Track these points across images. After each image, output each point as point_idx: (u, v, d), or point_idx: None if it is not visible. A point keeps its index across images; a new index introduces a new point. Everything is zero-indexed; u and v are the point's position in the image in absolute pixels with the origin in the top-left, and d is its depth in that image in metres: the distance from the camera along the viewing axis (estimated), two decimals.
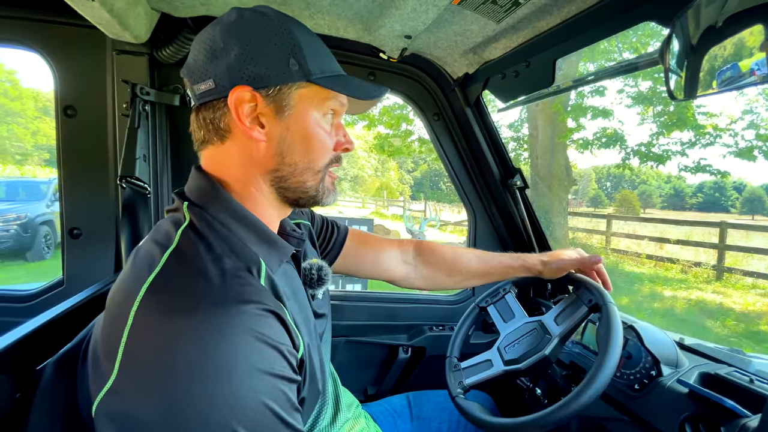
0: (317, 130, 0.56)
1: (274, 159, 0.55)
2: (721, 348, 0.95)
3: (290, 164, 0.55)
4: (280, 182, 0.56)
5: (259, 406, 0.41)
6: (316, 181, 0.58)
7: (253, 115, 0.52)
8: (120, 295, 0.46)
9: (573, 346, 1.07)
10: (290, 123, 0.54)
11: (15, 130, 17.89)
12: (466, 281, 1.01)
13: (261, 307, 0.46)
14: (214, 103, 0.53)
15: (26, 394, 0.54)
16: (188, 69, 0.54)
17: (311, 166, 0.57)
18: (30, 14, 1.07)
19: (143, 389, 0.40)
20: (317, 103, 0.56)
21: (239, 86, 0.50)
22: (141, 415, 0.39)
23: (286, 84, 0.53)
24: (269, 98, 0.52)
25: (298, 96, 0.54)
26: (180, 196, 0.56)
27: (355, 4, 1.01)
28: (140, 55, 1.10)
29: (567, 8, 0.88)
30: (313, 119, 0.56)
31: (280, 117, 0.53)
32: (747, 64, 0.55)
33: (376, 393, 1.47)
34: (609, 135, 7.18)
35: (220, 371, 0.40)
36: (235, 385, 0.40)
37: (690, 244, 8.08)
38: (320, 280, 0.70)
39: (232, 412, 0.40)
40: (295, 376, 0.47)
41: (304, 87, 0.54)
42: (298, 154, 0.55)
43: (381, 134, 8.78)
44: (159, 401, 0.39)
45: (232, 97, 0.51)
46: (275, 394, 0.44)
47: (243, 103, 0.51)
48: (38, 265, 6.33)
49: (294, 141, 0.55)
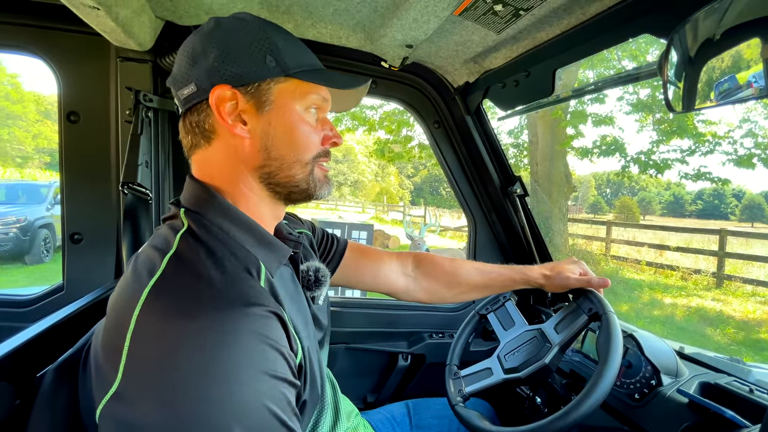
0: (299, 123, 0.57)
1: (259, 155, 0.56)
2: (721, 357, 0.95)
3: (276, 158, 0.56)
4: (269, 178, 0.57)
5: (261, 408, 0.42)
6: (305, 174, 0.58)
7: (234, 113, 0.54)
8: (121, 300, 0.46)
9: (573, 355, 1.07)
10: (272, 117, 0.55)
11: (16, 133, 17.94)
12: (465, 294, 0.99)
13: (264, 309, 0.46)
14: (198, 106, 0.55)
15: (26, 401, 0.54)
16: (173, 78, 0.57)
17: (298, 158, 0.57)
18: (35, 21, 1.08)
19: (147, 393, 0.40)
20: (298, 97, 0.57)
21: (219, 85, 0.52)
22: (145, 419, 0.39)
23: (264, 80, 0.54)
24: (249, 95, 0.54)
25: (277, 91, 0.55)
26: (176, 205, 0.57)
27: (357, 14, 1.03)
28: (144, 62, 1.11)
29: (566, 20, 0.89)
30: (295, 113, 0.57)
31: (261, 112, 0.55)
32: (744, 76, 0.56)
33: (375, 401, 1.47)
34: (608, 143, 7.20)
35: (225, 374, 0.40)
36: (238, 387, 0.40)
37: (690, 252, 8.07)
38: (318, 282, 0.70)
39: (235, 414, 0.40)
40: (295, 380, 0.47)
41: (282, 82, 0.56)
42: (283, 148, 0.56)
43: (381, 139, 8.81)
44: (163, 405, 0.39)
45: (213, 96, 0.52)
46: (278, 396, 0.44)
47: (224, 101, 0.53)
48: (37, 268, 6.31)
49: (277, 135, 0.56)
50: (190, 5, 1.00)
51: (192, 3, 0.99)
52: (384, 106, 8.40)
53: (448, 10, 0.89)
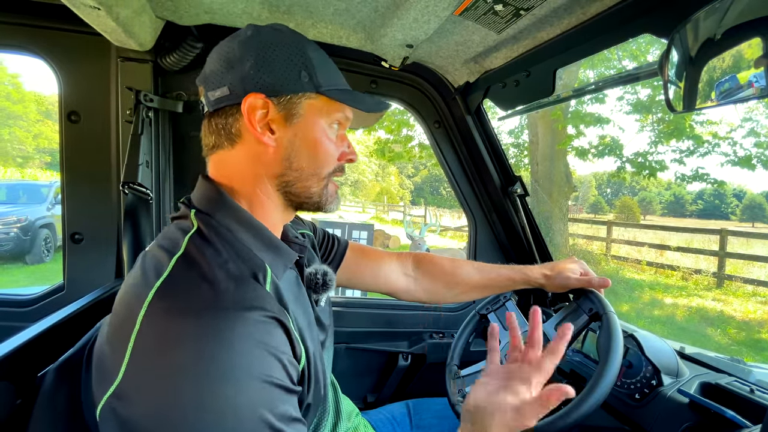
0: (323, 138, 0.59)
1: (281, 164, 0.57)
2: (721, 357, 0.95)
3: (297, 169, 0.58)
4: (286, 186, 0.59)
5: (253, 415, 0.42)
6: (320, 188, 0.60)
7: (264, 121, 0.55)
8: (128, 299, 0.47)
9: (573, 355, 1.07)
10: (298, 130, 0.57)
11: (17, 133, 17.97)
12: (465, 294, 0.99)
13: (264, 314, 0.46)
14: (227, 109, 0.56)
15: (27, 400, 0.54)
16: (204, 78, 0.58)
17: (317, 172, 0.59)
18: (36, 21, 1.08)
19: (146, 391, 0.40)
20: (325, 114, 0.59)
21: (253, 93, 0.54)
22: (144, 418, 0.40)
23: (297, 94, 0.56)
24: (280, 106, 0.55)
25: (307, 106, 0.57)
26: (186, 204, 0.58)
27: (358, 14, 1.03)
28: (144, 62, 1.11)
29: (567, 20, 0.89)
30: (320, 128, 0.59)
31: (289, 124, 0.57)
32: (745, 76, 0.56)
33: (375, 400, 1.47)
34: (607, 144, 7.19)
35: (220, 376, 0.41)
36: (233, 392, 0.41)
37: (690, 251, 8.07)
38: (325, 285, 0.70)
39: (226, 418, 0.40)
40: (293, 386, 0.48)
41: (313, 98, 0.58)
42: (304, 160, 0.58)
43: (381, 139, 8.81)
44: (160, 403, 0.40)
45: (246, 103, 0.54)
46: (272, 404, 0.44)
47: (255, 109, 0.54)
48: (38, 268, 6.32)
49: (301, 147, 0.58)
50: (191, 5, 1.00)
51: (192, 3, 0.99)
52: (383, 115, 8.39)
53: (448, 10, 0.89)
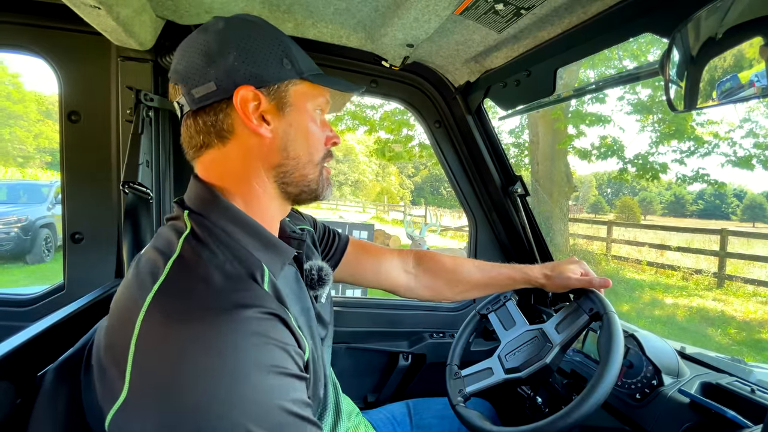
0: (312, 124, 0.60)
1: (279, 154, 0.57)
2: (722, 357, 0.95)
3: (294, 158, 0.58)
4: (283, 177, 0.58)
5: (275, 407, 0.42)
6: (316, 175, 0.61)
7: (257, 113, 0.55)
8: (124, 303, 0.46)
9: (574, 355, 1.07)
10: (292, 119, 0.57)
11: (17, 132, 17.98)
12: (466, 292, 0.99)
13: (263, 310, 0.46)
14: (215, 105, 0.54)
15: (27, 400, 0.54)
16: (182, 75, 0.54)
17: (311, 159, 0.60)
18: (36, 20, 1.08)
19: (155, 402, 0.40)
20: (310, 99, 0.59)
21: (243, 86, 0.53)
22: (159, 429, 0.39)
23: (283, 81, 0.56)
24: (270, 96, 0.55)
25: (294, 93, 0.57)
26: (180, 205, 0.57)
27: (358, 14, 1.03)
28: (145, 61, 1.11)
29: (568, 19, 0.89)
30: (309, 114, 0.59)
31: (282, 113, 0.56)
32: (746, 75, 0.56)
33: (375, 400, 1.47)
34: (608, 145, 7.19)
35: (233, 376, 0.40)
36: (249, 389, 0.40)
37: (691, 251, 8.06)
38: (321, 280, 0.70)
39: (250, 415, 0.40)
40: (303, 373, 0.47)
41: (297, 84, 0.58)
42: (299, 148, 0.58)
43: (382, 139, 8.80)
44: (172, 413, 0.39)
45: (238, 96, 0.53)
46: (289, 392, 0.44)
47: (248, 101, 0.53)
48: (38, 267, 6.32)
49: (297, 135, 0.58)
50: (191, 4, 1.00)
51: (193, 2, 0.99)
52: (384, 105, 8.40)
53: (449, 10, 0.89)
